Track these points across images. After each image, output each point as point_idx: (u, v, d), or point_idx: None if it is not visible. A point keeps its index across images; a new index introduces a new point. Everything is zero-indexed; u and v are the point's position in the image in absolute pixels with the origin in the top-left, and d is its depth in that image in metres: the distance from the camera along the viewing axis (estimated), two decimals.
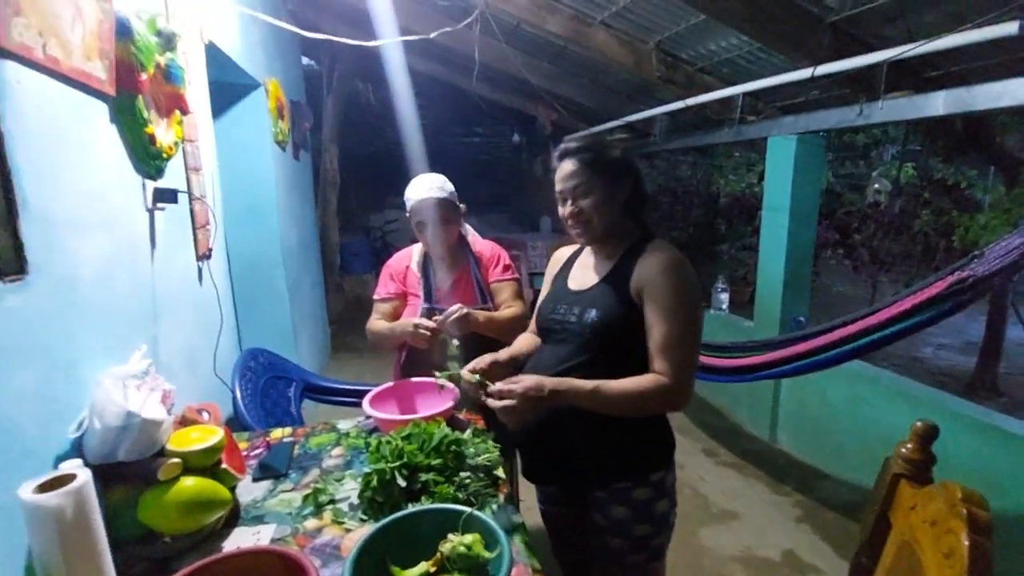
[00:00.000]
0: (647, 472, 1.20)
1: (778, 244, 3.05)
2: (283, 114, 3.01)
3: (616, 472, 1.20)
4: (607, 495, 1.21)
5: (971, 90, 1.99)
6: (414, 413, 1.42)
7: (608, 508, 1.21)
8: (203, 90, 1.83)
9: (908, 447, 0.94)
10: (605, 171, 1.17)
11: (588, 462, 1.21)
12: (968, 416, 2.15)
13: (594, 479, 1.22)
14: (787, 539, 2.32)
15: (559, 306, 1.25)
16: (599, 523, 1.23)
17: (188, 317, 1.56)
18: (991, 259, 1.43)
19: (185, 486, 0.99)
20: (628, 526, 1.20)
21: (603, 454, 1.20)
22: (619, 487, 1.19)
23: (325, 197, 5.11)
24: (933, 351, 5.01)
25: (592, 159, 1.17)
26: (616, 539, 1.22)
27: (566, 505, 1.36)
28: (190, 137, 1.60)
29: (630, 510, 1.19)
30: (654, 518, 1.21)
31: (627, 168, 1.21)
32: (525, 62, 3.78)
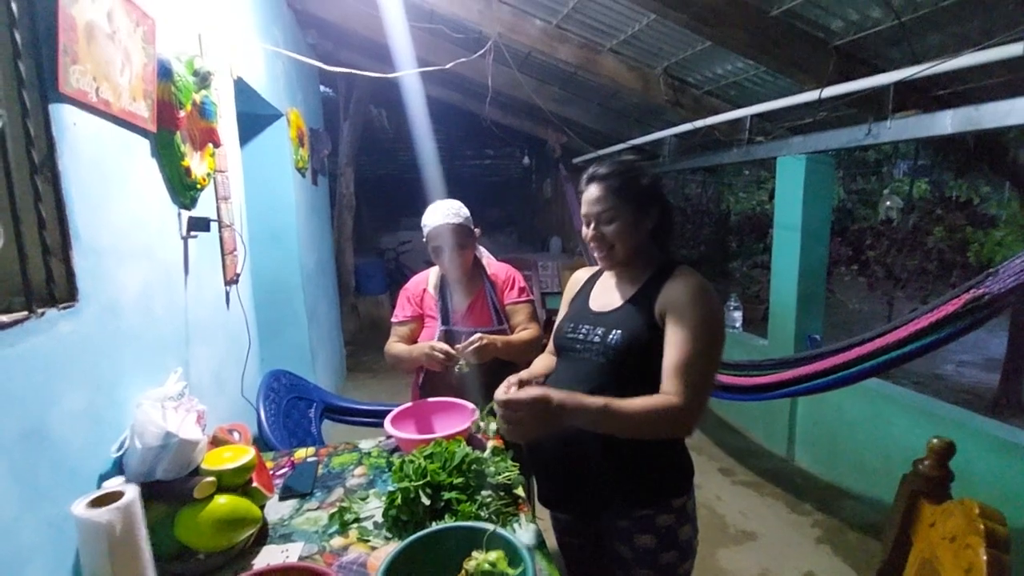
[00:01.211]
0: (670, 498, 1.19)
1: (790, 262, 3.06)
2: (303, 142, 3.11)
3: (638, 499, 1.18)
4: (630, 524, 1.19)
5: (979, 108, 2.02)
6: (431, 432, 1.45)
7: (632, 538, 1.19)
8: (232, 123, 1.92)
9: (926, 464, 0.95)
10: (632, 198, 1.17)
11: (609, 489, 1.19)
12: (990, 434, 2.12)
13: (616, 507, 1.20)
14: (807, 561, 2.28)
15: (581, 325, 1.24)
16: (624, 555, 1.21)
17: (217, 340, 1.62)
18: (1006, 276, 1.44)
19: (219, 504, 1.03)
20: (655, 555, 1.18)
21: (624, 481, 1.18)
22: (642, 515, 1.18)
23: (341, 220, 5.22)
24: (955, 368, 4.93)
25: (619, 186, 1.16)
26: (643, 569, 1.19)
27: (583, 535, 1.34)
28: (221, 168, 1.68)
29: (655, 538, 1.17)
30: (679, 544, 1.19)
31: (655, 196, 1.21)
32: (536, 88, 3.89)
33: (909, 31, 2.07)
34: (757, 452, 3.28)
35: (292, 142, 2.89)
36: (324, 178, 4.02)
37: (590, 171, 1.21)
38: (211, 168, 1.56)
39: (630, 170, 1.19)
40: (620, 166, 1.20)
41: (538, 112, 4.31)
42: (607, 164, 1.20)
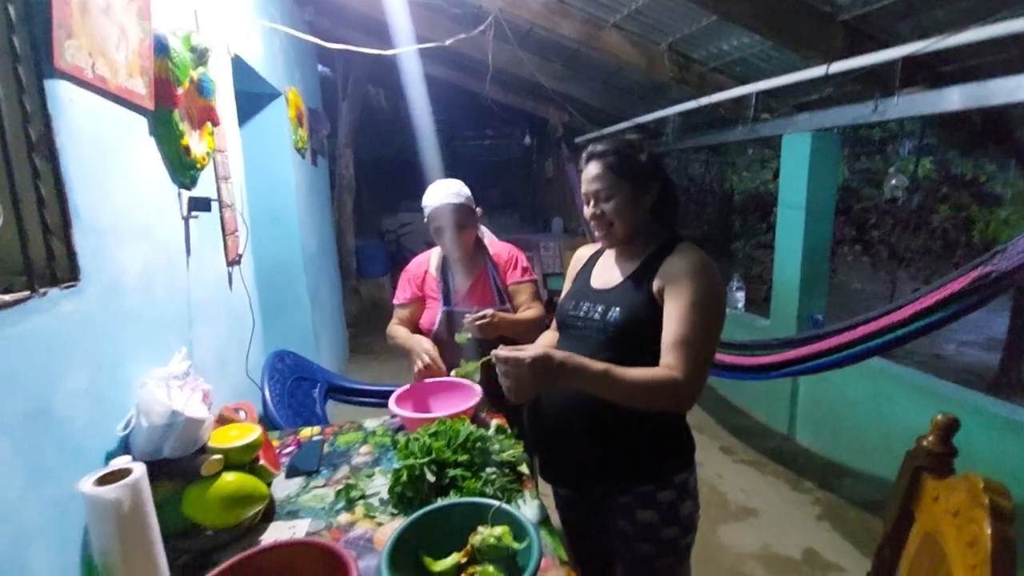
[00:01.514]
0: (671, 474, 1.20)
1: (794, 242, 3.04)
2: (302, 122, 3.07)
3: (639, 475, 1.19)
4: (632, 499, 1.20)
5: (987, 84, 1.98)
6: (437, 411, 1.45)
7: (634, 513, 1.20)
8: (230, 101, 1.89)
9: (929, 440, 0.95)
10: (630, 176, 1.16)
11: (609, 465, 1.21)
12: (992, 412, 2.13)
13: (616, 482, 1.21)
14: (808, 537, 2.32)
15: (582, 303, 1.25)
16: (625, 529, 1.22)
17: (220, 321, 1.62)
18: (1014, 254, 1.42)
19: (226, 481, 1.04)
20: (656, 530, 1.19)
21: (625, 456, 1.19)
22: (643, 490, 1.19)
23: (341, 201, 5.20)
24: (956, 348, 4.94)
25: (617, 163, 1.16)
26: (645, 544, 1.21)
27: (584, 511, 1.36)
28: (220, 147, 1.66)
29: (656, 513, 1.18)
30: (681, 520, 1.20)
31: (653, 173, 1.20)
32: (538, 65, 3.82)
33: (917, 5, 2.02)
34: (759, 431, 3.31)
35: (291, 122, 2.86)
36: (324, 159, 3.99)
37: (589, 149, 1.21)
38: (210, 147, 1.54)
39: (628, 147, 1.18)
40: (618, 143, 1.19)
41: (540, 90, 4.25)
42: (605, 142, 1.20)
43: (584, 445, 1.22)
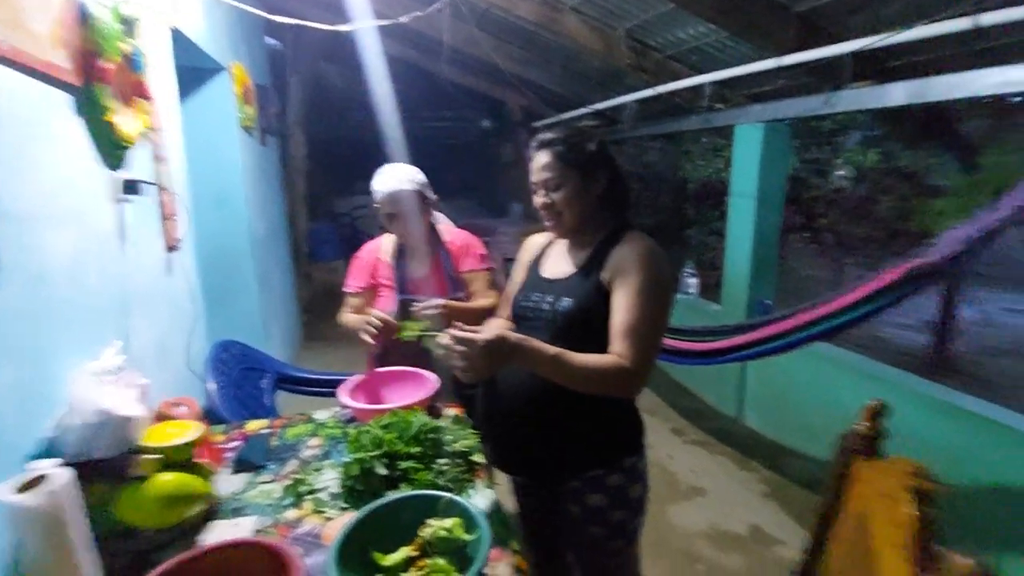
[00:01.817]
0: (620, 458, 1.22)
1: (745, 230, 3.13)
2: (249, 99, 2.92)
3: (589, 460, 1.21)
4: (581, 484, 1.22)
5: (929, 81, 2.07)
6: (388, 402, 1.43)
7: (584, 497, 1.22)
8: (168, 77, 1.77)
9: (861, 424, 1.00)
10: (579, 164, 1.16)
11: (560, 451, 1.22)
12: (925, 394, 2.27)
13: (567, 468, 1.23)
14: (754, 514, 2.43)
15: (532, 293, 1.25)
16: (576, 514, 1.24)
17: (160, 311, 1.53)
18: (943, 247, 1.51)
19: (163, 481, 0.99)
20: (605, 513, 1.21)
21: (575, 442, 1.20)
22: (593, 475, 1.20)
23: (292, 183, 4.99)
24: (895, 330, 5.24)
25: (565, 152, 1.15)
26: (595, 527, 1.23)
27: (536, 496, 1.37)
28: (155, 125, 1.55)
29: (606, 497, 1.20)
30: (630, 503, 1.23)
31: (602, 162, 1.20)
32: (495, 47, 3.76)
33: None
34: (708, 413, 3.43)
35: (237, 99, 2.71)
36: (273, 138, 3.82)
37: (538, 137, 1.20)
38: (144, 125, 1.44)
39: (577, 135, 1.18)
40: (567, 132, 1.18)
41: (498, 73, 4.19)
42: (554, 130, 1.19)
43: (535, 432, 1.22)
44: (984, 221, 1.48)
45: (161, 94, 1.67)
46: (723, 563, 2.13)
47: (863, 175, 4.22)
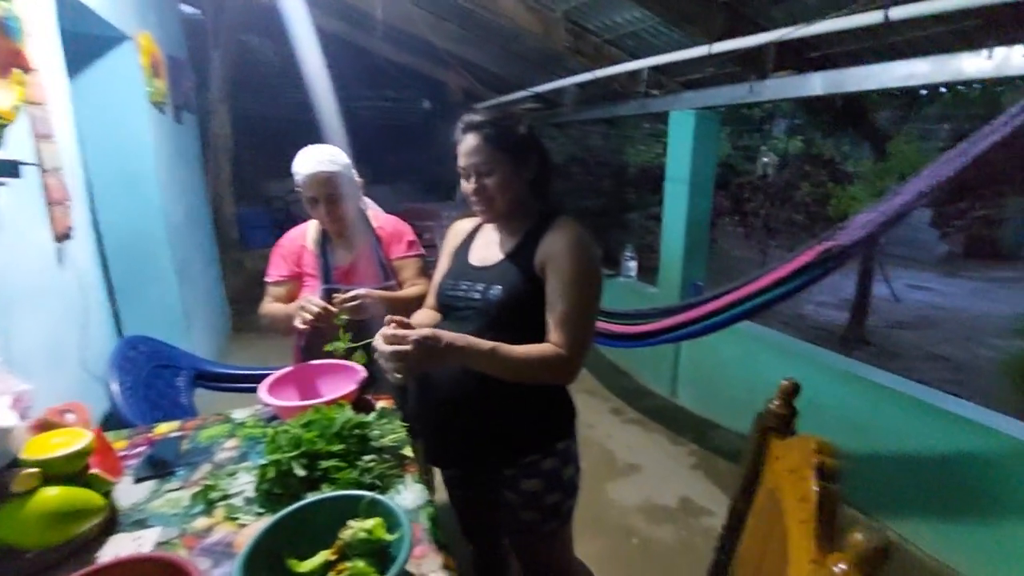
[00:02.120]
0: (554, 442, 1.22)
1: (679, 214, 3.22)
2: (159, 72, 2.68)
3: (525, 446, 1.20)
4: (516, 471, 1.21)
5: (843, 72, 2.18)
6: (317, 397, 1.36)
7: (519, 483, 1.21)
8: (53, 45, 1.58)
9: (775, 403, 1.04)
10: (510, 148, 1.13)
11: (494, 440, 1.21)
12: (837, 368, 2.43)
13: (503, 456, 1.22)
14: (683, 486, 2.54)
15: (461, 282, 1.21)
16: (512, 500, 1.23)
17: (48, 307, 1.38)
18: (852, 230, 1.60)
19: (47, 496, 0.89)
20: (541, 497, 1.22)
21: (509, 430, 1.20)
22: (528, 461, 1.20)
23: (216, 164, 4.67)
24: (814, 308, 5.60)
25: (496, 135, 1.12)
26: (529, 512, 1.23)
27: (472, 486, 1.36)
28: (36, 99, 1.38)
29: (541, 481, 1.21)
30: (563, 485, 1.24)
31: (533, 146, 1.17)
32: (432, 24, 3.64)
33: None
34: (644, 392, 3.54)
35: (144, 71, 2.47)
36: (191, 116, 3.54)
37: (464, 120, 1.15)
38: (20, 99, 1.28)
39: (506, 118, 1.15)
40: (496, 114, 1.15)
41: (437, 52, 4.06)
42: (482, 112, 1.15)
43: (471, 425, 1.21)
44: (889, 205, 1.57)
45: (45, 65, 1.48)
46: (656, 535, 2.21)
47: (786, 162, 4.44)
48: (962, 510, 2.00)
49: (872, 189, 3.33)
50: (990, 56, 1.67)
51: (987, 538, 1.92)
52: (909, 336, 4.88)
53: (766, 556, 0.93)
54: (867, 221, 1.60)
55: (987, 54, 1.67)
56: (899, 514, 2.21)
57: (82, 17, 1.99)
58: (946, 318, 5.38)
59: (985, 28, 1.73)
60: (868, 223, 1.59)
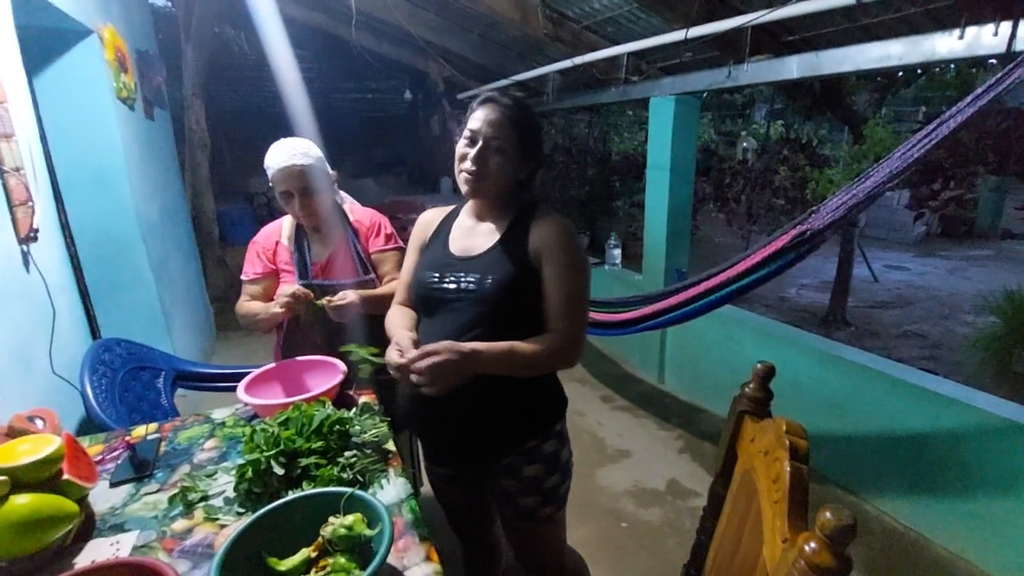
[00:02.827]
0: (552, 424, 1.23)
1: (661, 200, 3.23)
2: (126, 66, 2.61)
3: (524, 433, 1.20)
4: (516, 458, 1.20)
5: (820, 55, 2.18)
6: (300, 394, 1.35)
7: (520, 470, 1.21)
8: (9, 40, 1.52)
9: (751, 387, 1.05)
10: (525, 139, 1.13)
11: (496, 433, 1.19)
12: (816, 348, 2.47)
13: (503, 447, 1.21)
14: (671, 469, 2.57)
15: (447, 273, 1.17)
16: (510, 488, 1.23)
17: (14, 312, 1.35)
18: (825, 214, 1.62)
19: (17, 505, 0.88)
20: (541, 481, 1.22)
21: (511, 420, 1.19)
22: (529, 446, 1.20)
23: (193, 160, 4.57)
24: (796, 290, 5.68)
25: (520, 120, 1.12)
26: (529, 497, 1.23)
27: (462, 483, 1.35)
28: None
29: (542, 465, 1.21)
30: (561, 467, 1.25)
31: (540, 146, 1.19)
32: (408, 12, 3.58)
33: None
34: (632, 379, 3.57)
35: (110, 66, 2.40)
36: (164, 111, 3.45)
37: (490, 93, 1.15)
38: None
39: (530, 110, 1.17)
40: (524, 105, 1.15)
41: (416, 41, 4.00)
42: (511, 96, 1.15)
43: (469, 422, 1.19)
44: (860, 188, 1.59)
45: (2, 61, 1.44)
46: (644, 518, 2.24)
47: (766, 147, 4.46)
48: (937, 483, 2.05)
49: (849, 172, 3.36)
50: (962, 36, 1.69)
51: (961, 508, 1.98)
52: (887, 315, 4.97)
53: (743, 535, 0.95)
54: (839, 204, 1.62)
55: (959, 34, 1.69)
56: (878, 488, 2.27)
57: (38, 10, 1.92)
58: (923, 297, 5.48)
59: (957, 8, 1.74)
60: (840, 206, 1.61)
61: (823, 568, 0.62)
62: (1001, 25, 1.58)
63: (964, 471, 1.96)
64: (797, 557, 0.65)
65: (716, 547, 1.11)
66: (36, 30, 2.05)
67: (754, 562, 0.85)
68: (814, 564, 0.63)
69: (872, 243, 7.25)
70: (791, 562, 0.67)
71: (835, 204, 1.60)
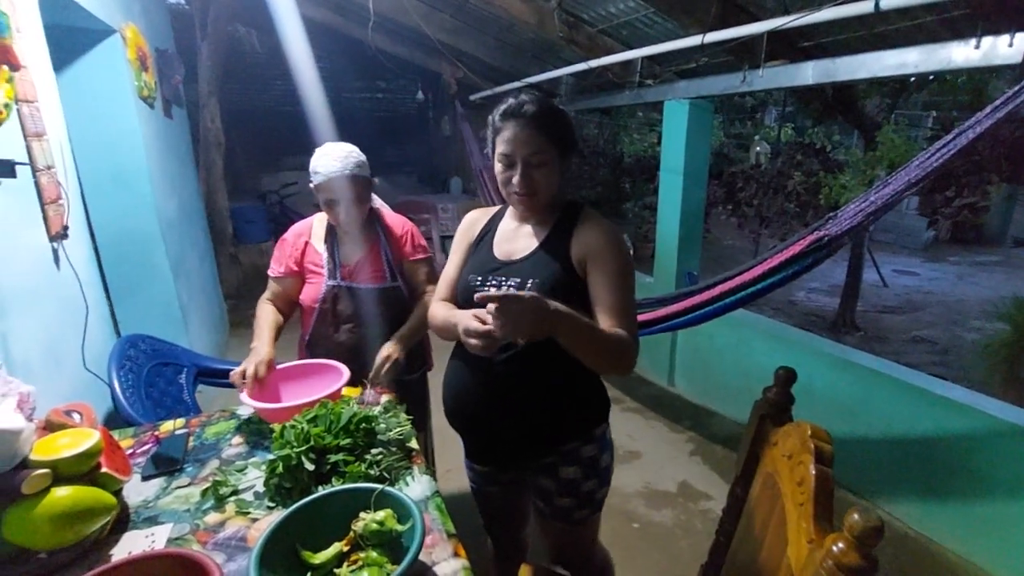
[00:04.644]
0: (593, 427, 1.23)
1: (674, 204, 3.24)
2: (147, 65, 2.64)
3: (566, 434, 1.20)
4: (556, 458, 1.21)
5: (835, 61, 2.19)
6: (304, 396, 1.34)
7: (558, 470, 1.21)
8: (39, 40, 1.55)
9: (773, 391, 1.07)
10: (560, 140, 1.11)
11: (540, 433, 1.20)
12: (828, 353, 2.48)
13: (545, 447, 1.21)
14: (682, 472, 2.58)
15: (490, 278, 1.17)
16: (547, 487, 1.24)
17: (47, 307, 1.38)
18: (843, 220, 1.63)
19: (57, 497, 0.90)
20: (578, 484, 1.22)
21: (555, 421, 1.19)
22: (569, 448, 1.21)
23: (208, 159, 4.61)
24: (806, 294, 5.67)
25: (550, 125, 1.09)
26: (566, 499, 1.23)
27: (501, 483, 1.35)
28: (26, 97, 1.37)
29: (580, 468, 1.21)
30: (599, 473, 1.25)
31: (575, 142, 1.17)
32: (425, 14, 3.60)
33: None
34: (643, 382, 3.58)
35: (131, 65, 2.44)
36: (181, 110, 3.49)
37: (514, 105, 1.10)
38: (10, 97, 1.27)
39: (557, 108, 1.13)
40: (547, 103, 1.12)
41: (430, 43, 4.03)
42: (532, 99, 1.11)
43: (516, 423, 1.19)
44: (879, 195, 1.60)
45: (33, 61, 1.46)
46: (656, 519, 2.26)
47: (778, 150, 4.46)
48: (947, 488, 2.06)
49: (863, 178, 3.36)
50: (978, 45, 1.69)
51: (971, 513, 1.98)
52: (896, 320, 4.96)
53: (765, 537, 0.96)
54: (857, 210, 1.63)
55: (975, 43, 1.70)
56: (887, 493, 2.27)
57: (65, 9, 1.95)
58: (932, 302, 5.47)
59: (973, 18, 1.75)
60: (858, 212, 1.62)
61: (851, 567, 0.64)
62: (1016, 36, 1.59)
63: (974, 476, 1.96)
64: (824, 557, 0.67)
65: (736, 548, 1.12)
66: (60, 29, 2.08)
67: (778, 563, 0.87)
68: (842, 564, 0.65)
69: (881, 247, 7.23)
70: (818, 562, 0.68)
71: (853, 210, 1.61)
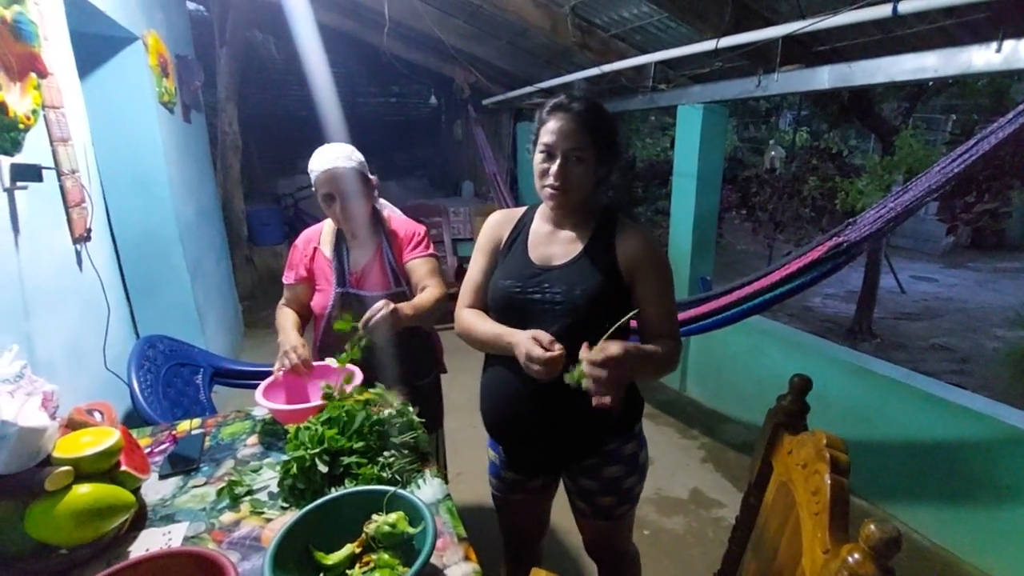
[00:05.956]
0: (633, 424, 1.25)
1: (687, 209, 3.22)
2: (168, 71, 2.70)
3: (608, 435, 1.21)
4: (598, 460, 1.22)
5: (851, 66, 2.17)
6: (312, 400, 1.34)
7: (601, 471, 1.22)
8: (65, 48, 1.59)
9: (788, 400, 1.06)
10: (603, 140, 1.11)
11: (584, 439, 1.20)
12: (844, 360, 2.45)
13: (587, 450, 1.21)
14: (693, 478, 2.56)
15: (529, 283, 1.16)
16: (589, 488, 1.24)
17: (70, 308, 1.41)
18: (862, 226, 1.61)
19: (79, 494, 0.92)
20: (620, 482, 1.23)
21: (598, 425, 1.19)
22: (610, 448, 1.21)
23: (225, 162, 4.69)
24: (821, 300, 5.60)
25: (595, 122, 1.09)
26: (608, 497, 1.25)
27: (530, 489, 1.34)
28: (53, 103, 1.40)
29: (622, 467, 1.23)
30: (639, 469, 1.27)
31: (617, 142, 1.16)
32: (439, 20, 3.63)
33: None
34: (654, 387, 3.54)
35: (153, 71, 2.49)
36: (199, 115, 3.55)
37: (565, 100, 1.11)
38: (37, 103, 1.30)
39: (602, 108, 1.13)
40: (597, 105, 1.12)
41: (444, 48, 4.06)
42: (582, 99, 1.12)
43: (564, 429, 1.19)
44: (899, 201, 1.58)
45: (59, 68, 1.50)
46: (667, 526, 2.24)
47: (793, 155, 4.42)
48: (966, 499, 2.02)
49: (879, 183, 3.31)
50: (999, 49, 1.66)
51: (992, 527, 1.94)
52: (914, 327, 4.87)
53: (779, 547, 0.95)
54: (877, 216, 1.61)
55: (996, 47, 1.67)
56: (904, 503, 2.23)
57: (90, 17, 2.00)
58: (951, 309, 5.37)
59: (994, 21, 1.72)
60: (878, 218, 1.60)
61: None
62: None
63: (996, 488, 1.92)
64: (840, 568, 0.66)
65: (749, 557, 1.11)
66: (85, 36, 2.13)
67: (792, 573, 0.86)
68: (858, 575, 0.64)
69: (899, 253, 7.12)
70: (834, 573, 0.67)
71: (872, 216, 1.59)
